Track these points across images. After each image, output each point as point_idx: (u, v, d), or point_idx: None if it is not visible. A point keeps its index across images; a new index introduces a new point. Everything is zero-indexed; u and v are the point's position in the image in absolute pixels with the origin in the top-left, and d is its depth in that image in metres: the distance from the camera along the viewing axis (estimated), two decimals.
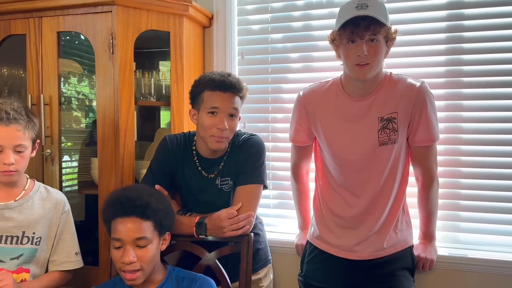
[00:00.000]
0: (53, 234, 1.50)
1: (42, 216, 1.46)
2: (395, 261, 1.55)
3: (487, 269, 1.66)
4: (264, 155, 1.62)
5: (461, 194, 1.74)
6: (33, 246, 1.44)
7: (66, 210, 1.54)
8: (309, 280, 1.62)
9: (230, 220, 1.48)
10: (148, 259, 1.30)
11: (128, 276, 1.29)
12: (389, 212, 1.54)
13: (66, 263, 1.52)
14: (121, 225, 1.30)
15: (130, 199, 1.32)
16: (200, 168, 1.61)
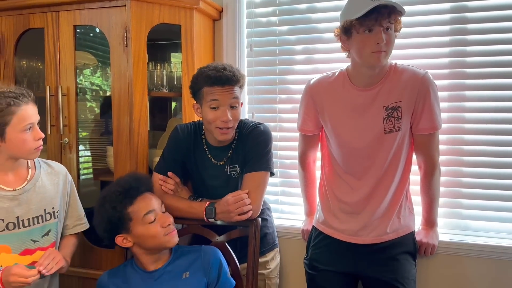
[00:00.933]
0: (65, 204, 1.59)
1: (54, 191, 1.54)
2: (398, 246, 1.61)
3: (487, 254, 1.71)
4: (271, 143, 1.68)
5: (462, 182, 1.79)
6: (56, 220, 1.53)
7: (70, 180, 1.63)
8: (314, 263, 1.69)
9: (236, 204, 1.55)
10: None
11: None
12: (391, 198, 1.60)
13: (77, 226, 1.64)
14: None
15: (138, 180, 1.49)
16: (210, 156, 1.68)
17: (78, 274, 1.85)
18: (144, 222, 1.41)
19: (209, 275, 1.45)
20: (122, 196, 1.42)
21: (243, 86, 1.63)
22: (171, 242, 1.44)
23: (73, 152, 1.88)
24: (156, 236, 1.41)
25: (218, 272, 1.46)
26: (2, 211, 1.42)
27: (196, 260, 1.47)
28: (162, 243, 1.43)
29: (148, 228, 1.41)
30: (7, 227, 1.42)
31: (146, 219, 1.40)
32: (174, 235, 1.44)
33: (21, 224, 1.44)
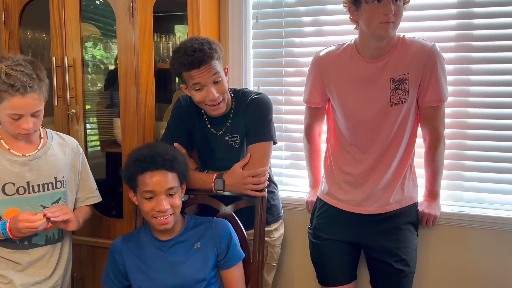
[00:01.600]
0: (76, 176, 1.62)
1: (65, 161, 1.56)
2: (401, 216, 1.65)
3: (488, 225, 1.75)
4: (271, 112, 1.69)
5: (465, 155, 1.82)
6: (65, 189, 1.56)
7: (81, 152, 1.65)
8: (318, 232, 1.74)
9: (252, 179, 1.59)
10: (177, 205, 1.46)
11: (162, 221, 1.42)
12: (395, 169, 1.63)
13: (89, 198, 1.67)
14: (152, 178, 1.42)
15: (159, 154, 1.44)
16: (210, 126, 1.70)
17: (88, 243, 1.90)
18: (142, 195, 1.44)
19: (219, 246, 1.49)
20: (136, 163, 1.45)
21: (221, 57, 1.60)
22: (157, 226, 1.45)
23: (81, 123, 1.89)
24: (146, 213, 1.45)
25: (228, 244, 1.50)
26: (13, 175, 1.45)
27: (207, 231, 1.51)
28: (150, 222, 1.47)
29: (143, 202, 1.44)
30: (17, 191, 1.45)
31: (144, 194, 1.43)
32: (162, 222, 1.42)
33: (31, 189, 1.47)
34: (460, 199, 1.84)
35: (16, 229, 1.36)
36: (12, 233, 1.38)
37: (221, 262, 1.50)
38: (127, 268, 1.47)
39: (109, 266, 1.50)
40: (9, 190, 1.44)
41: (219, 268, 1.51)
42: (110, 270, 1.50)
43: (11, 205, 1.42)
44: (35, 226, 1.35)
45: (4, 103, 1.35)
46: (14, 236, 1.39)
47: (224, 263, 1.50)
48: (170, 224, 1.45)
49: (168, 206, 1.42)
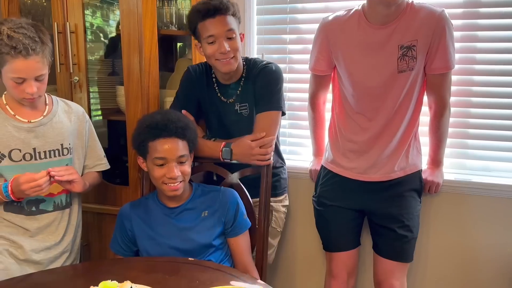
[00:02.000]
0: (83, 143, 1.61)
1: (71, 128, 1.56)
2: (404, 183, 1.67)
3: (490, 193, 1.77)
4: (281, 82, 1.68)
5: (469, 123, 1.83)
6: (71, 156, 1.56)
7: (88, 120, 1.64)
8: (322, 200, 1.76)
9: (259, 150, 1.59)
10: (187, 173, 1.47)
11: (172, 187, 1.44)
12: (400, 137, 1.64)
13: (97, 165, 1.67)
14: (164, 145, 1.42)
15: (172, 121, 1.44)
16: (219, 94, 1.69)
17: (94, 209, 1.92)
18: (153, 162, 1.44)
19: (227, 215, 1.51)
20: (147, 129, 1.44)
21: (238, 16, 1.59)
22: (167, 192, 1.46)
23: (84, 91, 1.87)
24: (156, 179, 1.45)
25: (235, 213, 1.52)
26: (19, 141, 1.44)
27: (215, 200, 1.52)
28: (160, 188, 1.47)
29: (153, 168, 1.44)
30: (24, 157, 1.45)
31: (155, 161, 1.43)
32: (172, 189, 1.43)
33: (37, 156, 1.47)
34: (463, 167, 1.86)
35: (18, 189, 1.36)
36: (14, 194, 1.37)
37: (228, 230, 1.52)
38: (135, 234, 1.49)
39: (117, 231, 1.52)
40: (16, 157, 1.44)
41: (226, 236, 1.53)
42: (118, 235, 1.52)
43: (18, 172, 1.42)
44: (39, 184, 1.35)
45: (6, 66, 1.33)
46: (17, 197, 1.39)
47: (231, 231, 1.52)
48: (180, 191, 1.46)
49: (179, 173, 1.43)
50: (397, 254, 1.66)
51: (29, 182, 1.35)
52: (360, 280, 1.98)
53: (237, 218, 1.53)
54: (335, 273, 1.75)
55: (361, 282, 1.99)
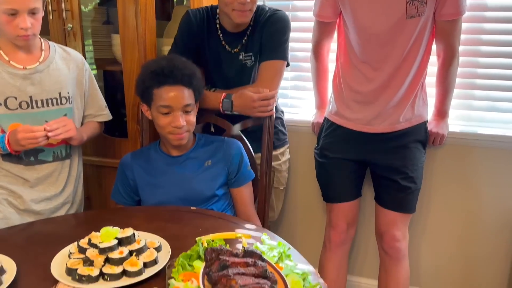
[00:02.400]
0: (82, 93, 1.56)
1: (70, 76, 1.50)
2: (409, 134, 1.63)
3: (495, 144, 1.75)
4: (289, 32, 1.62)
5: (477, 73, 1.78)
6: (70, 105, 1.51)
7: (87, 68, 1.58)
8: (324, 152, 1.73)
9: (261, 102, 1.54)
10: (193, 123, 1.43)
11: (177, 136, 1.40)
12: (407, 87, 1.59)
13: (100, 115, 1.63)
14: (170, 93, 1.37)
15: (178, 68, 1.38)
16: (224, 43, 1.62)
17: (93, 162, 1.89)
18: (158, 110, 1.40)
19: (230, 165, 1.48)
20: (152, 75, 1.39)
21: None
22: (173, 141, 1.43)
23: (78, 39, 1.80)
24: (162, 128, 1.41)
25: (239, 164, 1.49)
26: (14, 89, 1.39)
27: (219, 150, 1.49)
28: (165, 137, 1.44)
29: (158, 117, 1.40)
30: (20, 105, 1.41)
31: (160, 109, 1.39)
32: (178, 138, 1.40)
33: (34, 104, 1.42)
34: (469, 118, 1.83)
35: (15, 141, 1.33)
36: (10, 146, 1.34)
37: (232, 181, 1.50)
38: (136, 183, 1.47)
39: (119, 181, 1.50)
40: (12, 105, 1.40)
41: (229, 186, 1.52)
42: (120, 185, 1.50)
43: (14, 120, 1.38)
44: (35, 136, 1.32)
45: None
46: (13, 150, 1.36)
47: (234, 182, 1.50)
48: (185, 140, 1.43)
49: (184, 122, 1.39)
50: (399, 205, 1.65)
51: (27, 133, 1.32)
52: (360, 231, 1.99)
53: (241, 168, 1.50)
54: (335, 223, 1.75)
55: (361, 232, 2.00)
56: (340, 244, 1.75)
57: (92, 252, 1.00)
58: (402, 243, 1.67)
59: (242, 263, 0.88)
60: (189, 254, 1.00)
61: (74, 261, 0.99)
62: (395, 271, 1.68)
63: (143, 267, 0.98)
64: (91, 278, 0.94)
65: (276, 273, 0.89)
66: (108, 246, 0.99)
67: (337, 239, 1.74)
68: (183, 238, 1.15)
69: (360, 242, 2.03)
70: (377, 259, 1.79)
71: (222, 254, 0.90)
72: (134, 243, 1.04)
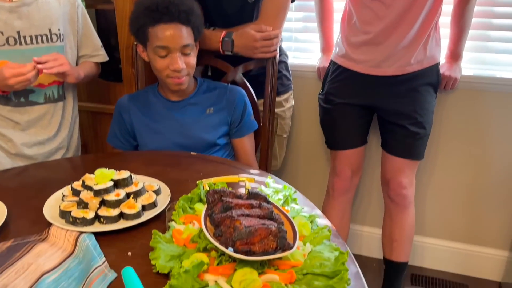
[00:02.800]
0: (75, 30, 1.46)
1: (60, 11, 1.39)
2: (420, 77, 1.54)
3: (509, 88, 1.66)
4: None
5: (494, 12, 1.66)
6: (62, 43, 1.41)
7: (80, 4, 1.48)
8: (330, 97, 1.65)
9: (264, 42, 1.43)
10: (192, 65, 1.33)
11: (176, 80, 1.31)
12: (420, 26, 1.48)
13: (95, 56, 1.54)
14: (166, 31, 1.26)
15: (174, 4, 1.26)
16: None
17: (88, 108, 1.81)
18: (154, 51, 1.30)
19: (233, 114, 1.40)
20: (147, 12, 1.28)
21: None
22: (172, 86, 1.33)
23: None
24: (159, 71, 1.32)
25: (242, 113, 1.42)
26: (0, 23, 1.29)
27: (222, 97, 1.41)
28: (163, 81, 1.35)
29: (155, 59, 1.30)
30: (7, 41, 1.30)
31: (156, 50, 1.29)
32: (177, 83, 1.31)
33: (23, 40, 1.32)
34: (483, 61, 1.73)
35: (2, 80, 1.23)
36: None
37: (234, 131, 1.43)
38: (134, 127, 1.40)
39: (115, 124, 1.43)
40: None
41: (230, 137, 1.44)
42: (117, 128, 1.42)
43: (1, 58, 1.28)
44: (27, 78, 1.23)
45: None
46: (1, 90, 1.27)
47: (236, 132, 1.43)
48: (185, 85, 1.34)
49: (183, 65, 1.29)
50: (408, 151, 1.59)
51: (17, 77, 1.22)
52: (363, 179, 1.95)
53: (244, 118, 1.42)
54: (339, 170, 1.70)
55: (364, 181, 1.96)
56: (344, 191, 1.70)
57: (86, 194, 0.94)
58: (408, 190, 1.62)
59: (247, 204, 0.82)
60: (190, 197, 0.94)
61: (67, 203, 0.94)
62: (401, 218, 1.65)
63: (141, 209, 0.93)
64: (86, 221, 0.89)
65: (282, 215, 0.83)
66: (103, 188, 0.93)
67: (341, 187, 1.70)
68: (183, 182, 1.10)
69: (363, 191, 1.99)
70: (380, 208, 1.76)
71: (225, 196, 0.84)
72: (132, 185, 0.98)
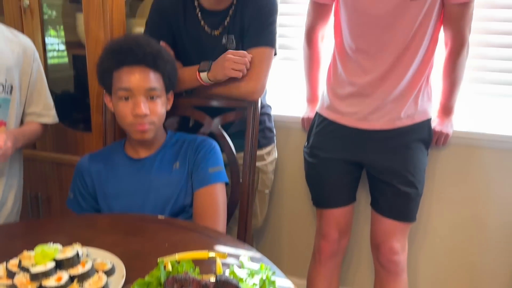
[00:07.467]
0: (25, 84, 1.34)
1: (12, 61, 1.28)
2: (411, 133, 1.45)
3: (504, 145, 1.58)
4: (276, 14, 1.42)
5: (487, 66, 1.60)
6: (7, 96, 1.28)
7: (37, 59, 1.37)
8: (315, 151, 1.54)
9: (234, 58, 1.31)
10: (159, 113, 1.20)
11: (139, 127, 1.18)
12: (410, 79, 1.40)
13: (45, 116, 1.41)
14: (130, 74, 1.16)
15: (140, 45, 1.17)
16: (203, 23, 1.41)
17: (53, 159, 1.66)
18: (117, 95, 1.19)
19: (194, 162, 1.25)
20: (111, 55, 1.19)
21: None
22: (134, 134, 1.20)
23: (36, 17, 1.57)
24: (121, 118, 1.20)
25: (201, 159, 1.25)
26: None
27: (188, 150, 1.27)
28: (127, 131, 1.23)
29: (118, 104, 1.19)
30: None
31: (119, 93, 1.18)
32: (139, 129, 1.18)
33: None
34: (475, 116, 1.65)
35: None
36: None
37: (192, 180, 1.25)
38: (96, 189, 1.25)
39: (76, 187, 1.28)
40: None
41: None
42: (77, 191, 1.27)
43: None
44: None
45: None
46: None
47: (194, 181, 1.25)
48: (149, 134, 1.21)
49: (147, 110, 1.17)
50: (399, 212, 1.47)
51: None
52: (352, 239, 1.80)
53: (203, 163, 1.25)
54: (325, 232, 1.56)
55: (353, 241, 1.81)
56: (331, 255, 1.56)
57: (22, 278, 0.78)
58: (401, 256, 1.48)
59: None
60: (147, 282, 0.79)
61: None
62: (393, 287, 1.50)
63: None
64: None
65: None
66: (42, 272, 0.78)
67: (327, 250, 1.55)
68: (145, 255, 0.95)
69: (352, 251, 1.85)
70: (371, 269, 1.61)
71: (186, 286, 0.70)
72: (78, 265, 0.82)
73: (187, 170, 1.26)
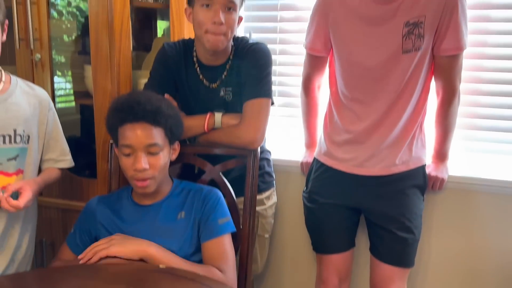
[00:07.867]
0: (42, 133, 1.40)
1: (30, 113, 1.34)
2: (406, 179, 1.49)
3: (500, 190, 1.60)
4: (271, 66, 1.48)
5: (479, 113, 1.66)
6: (24, 145, 1.34)
7: (52, 108, 1.44)
8: (314, 196, 1.57)
9: None
10: (159, 167, 1.25)
11: (140, 183, 1.23)
12: (403, 126, 1.46)
13: (62, 161, 1.47)
14: (130, 131, 1.22)
15: (139, 103, 1.23)
16: (202, 77, 1.49)
17: (58, 205, 1.71)
18: (120, 150, 1.25)
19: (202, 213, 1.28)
20: (115, 113, 1.26)
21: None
22: (136, 189, 1.26)
23: (46, 70, 1.66)
24: (124, 171, 1.26)
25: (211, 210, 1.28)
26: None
27: (194, 199, 1.31)
28: (130, 182, 1.28)
29: (121, 158, 1.26)
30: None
31: (122, 149, 1.24)
32: (140, 185, 1.24)
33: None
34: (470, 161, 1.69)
35: None
36: None
37: (200, 232, 1.29)
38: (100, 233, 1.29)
39: (78, 226, 1.32)
40: None
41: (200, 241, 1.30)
42: (78, 230, 1.31)
43: None
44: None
45: None
46: None
47: (202, 233, 1.28)
48: (150, 188, 1.25)
49: (146, 165, 1.22)
50: (397, 258, 1.48)
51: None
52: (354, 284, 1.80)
53: (212, 216, 1.28)
54: (325, 278, 1.57)
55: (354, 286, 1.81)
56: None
57: None
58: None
59: None
60: None
61: None
62: None
63: None
64: None
65: None
66: None
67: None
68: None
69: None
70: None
71: None
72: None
73: (192, 220, 1.28)
